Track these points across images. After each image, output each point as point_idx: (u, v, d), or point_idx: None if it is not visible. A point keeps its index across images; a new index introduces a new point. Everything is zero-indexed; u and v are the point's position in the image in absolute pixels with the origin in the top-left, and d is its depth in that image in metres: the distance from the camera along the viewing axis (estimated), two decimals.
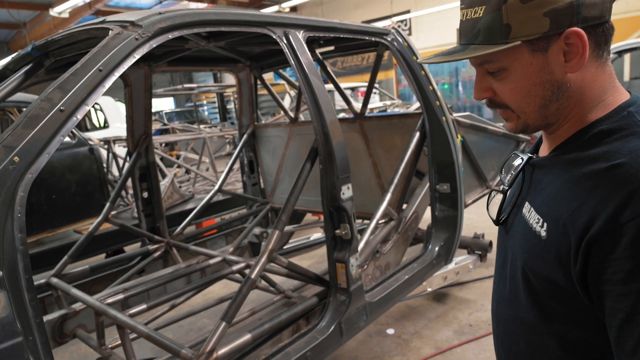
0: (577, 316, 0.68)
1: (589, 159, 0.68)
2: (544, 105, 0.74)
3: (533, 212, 0.74)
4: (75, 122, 1.18)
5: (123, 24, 1.37)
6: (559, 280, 0.68)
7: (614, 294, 0.59)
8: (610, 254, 0.59)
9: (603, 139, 0.68)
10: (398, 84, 14.78)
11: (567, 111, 0.75)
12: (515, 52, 0.71)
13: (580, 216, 0.63)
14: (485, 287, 3.59)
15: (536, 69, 0.71)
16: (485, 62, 0.75)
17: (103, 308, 1.94)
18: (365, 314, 2.07)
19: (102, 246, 3.70)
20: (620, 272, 0.58)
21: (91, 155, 3.93)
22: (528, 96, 0.74)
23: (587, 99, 0.73)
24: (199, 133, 6.41)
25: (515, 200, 0.82)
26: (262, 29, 1.80)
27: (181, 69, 3.10)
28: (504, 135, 3.86)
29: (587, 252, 0.62)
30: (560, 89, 0.72)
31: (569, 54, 0.69)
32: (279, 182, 3.65)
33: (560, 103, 0.73)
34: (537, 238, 0.71)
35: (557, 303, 0.70)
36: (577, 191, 0.66)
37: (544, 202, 0.73)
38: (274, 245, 1.85)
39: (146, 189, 2.99)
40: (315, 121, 1.87)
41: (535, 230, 0.72)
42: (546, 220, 0.70)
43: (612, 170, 0.62)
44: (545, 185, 0.74)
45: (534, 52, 0.71)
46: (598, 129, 0.70)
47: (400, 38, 2.60)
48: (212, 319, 3.47)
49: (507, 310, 0.82)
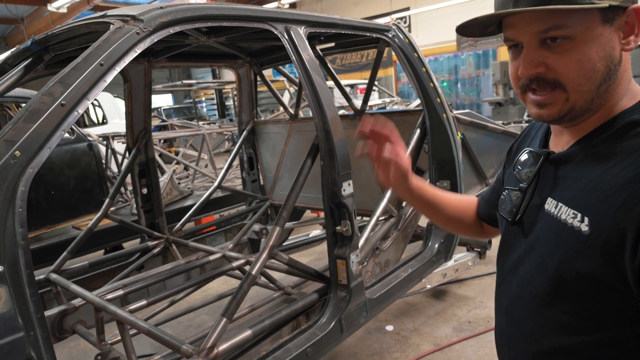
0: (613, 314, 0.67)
1: (627, 150, 0.66)
2: (599, 84, 0.70)
3: (564, 207, 0.71)
4: (76, 116, 1.18)
5: (124, 18, 1.36)
6: (604, 276, 0.65)
7: None
8: None
9: (636, 129, 0.67)
10: (397, 82, 14.78)
11: (607, 96, 0.72)
12: (590, 19, 0.68)
13: (633, 207, 0.61)
14: (484, 285, 3.60)
15: (604, 40, 0.68)
16: (555, 27, 0.68)
17: (103, 304, 1.93)
18: (366, 311, 2.07)
19: (101, 242, 3.70)
20: None
21: (90, 151, 3.92)
22: (592, 71, 0.69)
23: (621, 85, 0.72)
24: (198, 129, 6.40)
25: (530, 198, 0.80)
26: (263, 25, 1.79)
27: (181, 64, 3.09)
28: (503, 133, 3.86)
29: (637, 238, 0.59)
30: (615, 67, 0.70)
31: (626, 31, 0.69)
32: (278, 179, 3.64)
33: (608, 85, 0.71)
34: (576, 233, 0.68)
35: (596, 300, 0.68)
36: (622, 182, 0.63)
37: (578, 196, 0.70)
38: (275, 242, 1.85)
39: (145, 185, 2.98)
40: (317, 117, 1.86)
41: (572, 225, 0.69)
42: (586, 214, 0.67)
43: None
44: (575, 180, 0.72)
45: (605, 23, 0.68)
46: (629, 119, 0.68)
47: (401, 34, 2.59)
48: (211, 315, 3.47)
49: (526, 310, 0.79)
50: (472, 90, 13.35)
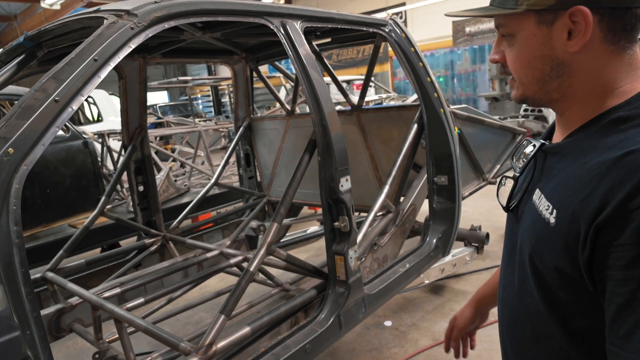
0: (583, 304, 0.68)
1: (603, 146, 0.66)
2: (542, 79, 0.75)
3: (543, 199, 0.73)
4: (70, 113, 1.16)
5: (118, 13, 1.34)
6: (566, 268, 0.67)
7: (615, 279, 0.60)
8: (616, 240, 0.59)
9: (619, 126, 0.67)
10: (393, 77, 14.75)
11: (571, 90, 0.74)
12: (524, 20, 0.73)
13: (590, 203, 0.63)
14: (482, 279, 3.60)
15: (539, 41, 0.72)
16: (500, 25, 0.78)
17: (100, 302, 1.92)
18: (364, 306, 2.07)
19: (97, 240, 3.68)
20: (624, 258, 0.58)
21: (85, 148, 3.89)
22: (527, 67, 0.75)
23: (598, 83, 0.72)
24: (194, 126, 6.37)
25: (526, 187, 0.82)
26: (259, 19, 1.77)
27: (176, 60, 3.06)
28: (500, 128, 3.86)
29: (595, 237, 0.62)
30: (560, 66, 0.72)
31: (574, 32, 0.69)
32: (275, 175, 3.63)
33: (562, 81, 0.73)
34: (545, 225, 0.71)
35: (563, 291, 0.70)
36: (589, 178, 0.65)
37: (555, 189, 0.72)
38: (273, 238, 1.84)
39: (142, 182, 2.96)
40: (314, 113, 1.85)
41: (544, 217, 0.71)
42: (556, 207, 0.69)
43: (626, 158, 0.61)
44: (558, 172, 0.73)
45: (540, 24, 0.72)
46: (615, 115, 0.69)
47: (398, 29, 2.58)
48: (209, 313, 3.47)
49: (514, 297, 0.82)
50: (469, 86, 13.34)
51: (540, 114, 7.54)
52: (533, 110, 7.72)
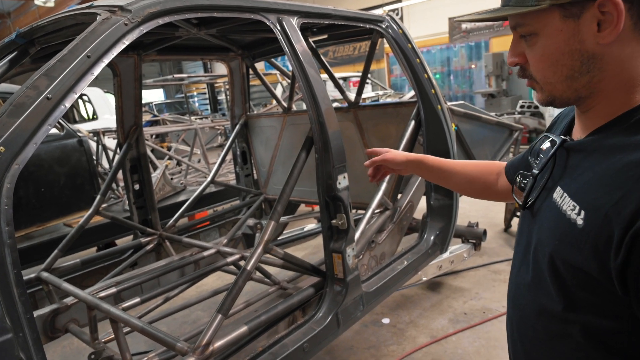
0: (607, 306, 0.66)
1: (635, 144, 0.63)
2: (571, 76, 0.71)
3: (567, 198, 0.70)
4: (63, 110, 1.14)
5: (111, 9, 1.32)
6: (592, 271, 0.65)
7: None
8: None
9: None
10: (390, 74, 14.73)
11: (601, 85, 0.71)
12: (547, 16, 0.70)
13: (626, 206, 0.59)
14: (479, 276, 3.61)
15: (566, 36, 0.69)
16: (518, 25, 0.74)
17: (95, 302, 1.90)
18: (362, 304, 2.06)
19: (93, 239, 3.65)
20: None
21: (80, 147, 3.86)
22: (555, 65, 0.72)
23: (627, 76, 0.69)
24: (190, 124, 6.34)
25: (544, 184, 0.79)
26: (255, 15, 1.75)
27: (171, 58, 3.03)
28: (497, 124, 3.85)
29: (632, 244, 0.58)
30: (590, 60, 0.69)
31: (603, 23, 0.66)
32: (272, 173, 3.61)
33: (592, 76, 0.70)
34: (571, 226, 0.67)
35: (585, 292, 0.68)
36: (621, 179, 0.62)
37: (581, 189, 0.68)
38: (270, 236, 1.82)
39: (137, 181, 2.94)
40: (311, 110, 1.83)
41: (569, 217, 0.68)
42: (584, 207, 0.66)
43: None
44: (583, 171, 0.70)
45: (566, 18, 0.68)
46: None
47: (395, 25, 2.56)
48: (206, 312, 3.45)
49: (527, 296, 0.80)
50: (465, 82, 13.34)
51: (536, 110, 7.54)
52: (529, 106, 7.73)
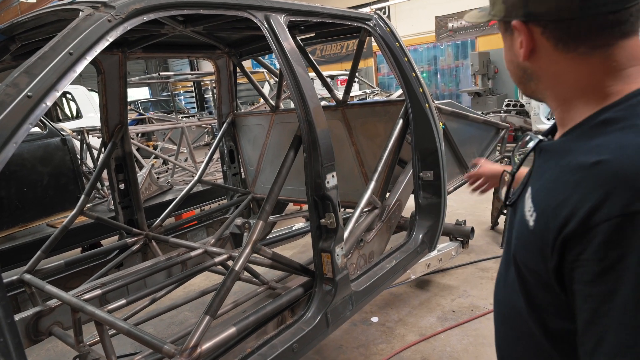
0: (560, 306, 0.68)
1: (583, 150, 0.65)
2: (520, 82, 0.80)
3: (529, 200, 0.72)
4: (44, 109, 1.11)
5: (94, 5, 1.28)
6: (540, 271, 0.67)
7: (581, 294, 0.60)
8: (582, 254, 0.59)
9: (603, 129, 0.66)
10: (377, 73, 14.76)
11: (549, 93, 0.76)
12: (500, 26, 0.79)
13: (562, 211, 0.62)
14: (467, 274, 3.63)
15: (507, 47, 0.78)
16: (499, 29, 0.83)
17: (80, 304, 1.86)
18: (351, 304, 2.06)
19: (77, 240, 3.59)
20: (588, 274, 0.58)
21: (64, 146, 3.79)
22: (509, 70, 0.81)
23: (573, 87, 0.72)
24: (177, 123, 6.27)
25: (524, 184, 0.81)
26: (242, 13, 1.73)
27: (157, 55, 2.99)
28: (484, 123, 3.88)
29: (563, 248, 0.61)
30: (525, 72, 0.77)
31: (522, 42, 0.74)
32: (260, 172, 3.59)
33: (535, 84, 0.77)
34: (526, 227, 0.70)
35: (543, 291, 0.69)
36: (564, 184, 0.64)
37: (538, 190, 0.71)
38: (258, 236, 1.81)
39: (123, 180, 2.89)
40: (299, 109, 1.82)
41: (526, 218, 0.71)
42: (536, 210, 0.69)
43: (596, 167, 0.60)
44: (544, 172, 0.72)
45: (505, 32, 0.77)
46: (602, 117, 0.67)
47: (383, 24, 2.56)
48: (193, 312, 3.42)
49: (503, 293, 0.83)
50: (451, 81, 13.43)
51: (522, 109, 7.63)
52: (515, 105, 7.81)
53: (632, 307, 0.54)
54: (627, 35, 0.67)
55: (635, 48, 0.69)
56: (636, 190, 0.55)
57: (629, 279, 0.54)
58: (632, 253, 0.54)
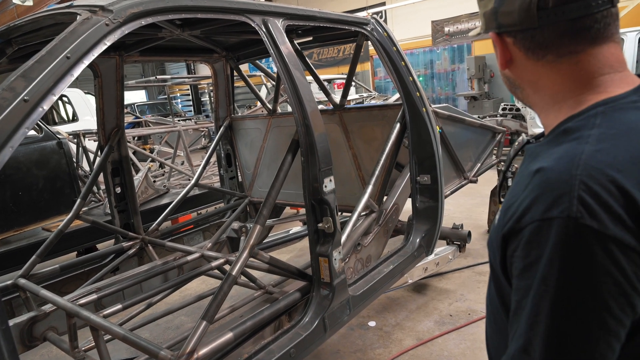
0: None
1: (541, 156, 0.70)
2: (510, 89, 0.83)
3: None
4: (41, 113, 1.10)
5: (92, 9, 1.28)
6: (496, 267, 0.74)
7: (513, 287, 0.66)
8: (515, 251, 0.65)
9: (563, 138, 0.69)
10: (374, 76, 14.80)
11: (531, 100, 0.80)
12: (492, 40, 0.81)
13: (509, 211, 0.68)
14: (464, 277, 3.63)
15: (497, 55, 0.81)
16: None
17: (75, 309, 1.85)
18: (349, 308, 2.05)
19: (73, 244, 3.57)
20: (517, 269, 0.65)
21: (60, 149, 3.77)
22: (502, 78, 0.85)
23: (544, 95, 0.76)
24: (174, 126, 6.25)
25: None
26: (240, 17, 1.73)
27: (154, 59, 2.98)
28: (480, 127, 3.90)
29: (505, 244, 0.68)
30: (509, 80, 0.81)
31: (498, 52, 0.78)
32: (257, 176, 3.58)
33: (522, 91, 0.80)
34: (494, 228, 0.76)
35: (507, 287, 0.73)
36: (519, 187, 0.69)
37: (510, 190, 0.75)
38: (256, 240, 1.80)
39: (119, 184, 2.88)
40: (296, 112, 1.82)
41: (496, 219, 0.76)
42: (501, 210, 0.74)
43: (537, 173, 0.65)
44: (517, 174, 0.77)
45: (493, 44, 0.80)
46: (564, 126, 0.71)
47: (380, 28, 2.57)
48: (189, 317, 3.40)
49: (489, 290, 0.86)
50: (448, 85, 13.48)
51: (518, 113, 7.66)
52: (511, 109, 7.85)
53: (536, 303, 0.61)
54: (596, 42, 0.68)
55: (608, 56, 0.69)
56: (555, 197, 0.60)
57: (539, 276, 0.61)
58: (544, 253, 0.60)
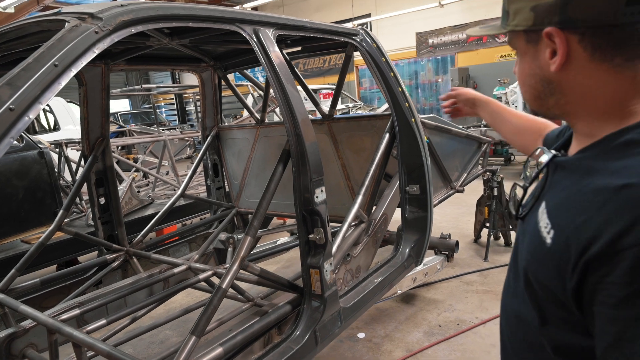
0: (574, 322, 0.67)
1: (607, 171, 0.64)
2: (538, 96, 0.75)
3: (544, 215, 0.71)
4: (27, 122, 1.06)
5: (81, 16, 1.25)
6: (556, 289, 0.66)
7: (605, 317, 0.59)
8: (607, 277, 0.58)
9: (628, 150, 0.64)
10: (359, 87, 14.92)
11: (570, 108, 0.73)
12: (518, 38, 0.75)
13: (584, 232, 0.61)
14: (452, 287, 3.64)
15: (529, 59, 0.74)
16: (510, 42, 0.79)
17: (57, 325, 1.78)
18: (340, 320, 2.02)
19: (53, 257, 3.46)
20: (614, 297, 0.57)
21: (41, 159, 3.68)
22: (525, 84, 0.77)
23: (599, 102, 0.69)
24: (159, 135, 6.17)
25: (537, 196, 0.80)
26: (231, 26, 1.72)
27: (140, 67, 2.94)
28: (466, 137, 3.94)
29: (585, 270, 0.60)
30: (550, 85, 0.72)
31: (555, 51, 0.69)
32: (245, 186, 3.54)
33: (558, 99, 0.73)
34: (542, 243, 0.69)
35: (555, 307, 0.69)
36: (586, 204, 0.63)
37: (556, 207, 0.70)
38: (246, 252, 1.77)
39: (103, 194, 2.81)
40: (288, 122, 1.80)
41: (542, 234, 0.70)
42: (554, 227, 0.67)
43: (623, 190, 0.59)
44: (562, 189, 0.71)
45: (528, 43, 0.73)
46: (625, 137, 0.65)
47: (369, 39, 2.58)
48: (174, 330, 3.32)
49: (511, 303, 0.83)
50: (432, 95, 13.67)
51: None
52: None
53: None
54: None
55: None
56: None
57: None
58: None
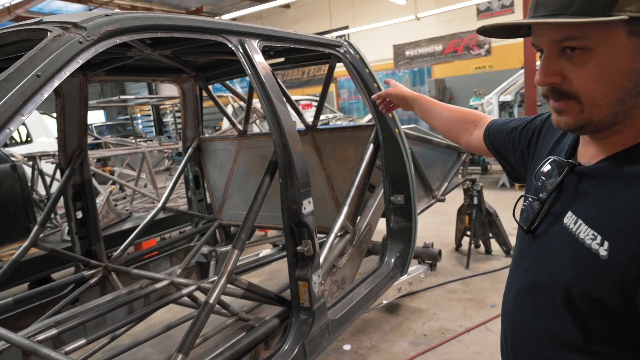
0: (627, 338, 0.64)
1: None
2: (622, 99, 0.66)
3: (584, 226, 0.67)
4: (7, 135, 1.01)
5: (64, 26, 1.21)
6: (615, 304, 0.62)
7: None
8: None
9: None
10: (338, 98, 15.03)
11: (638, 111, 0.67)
12: (611, 30, 0.63)
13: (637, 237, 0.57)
14: (436, 296, 3.66)
15: (628, 54, 0.63)
16: (570, 38, 0.66)
17: (32, 346, 1.69)
18: (329, 333, 2.00)
19: (24, 275, 3.31)
20: None
21: (13, 172, 3.54)
22: (610, 86, 0.65)
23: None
24: (137, 147, 6.05)
25: (549, 208, 0.77)
26: (216, 37, 1.70)
27: (120, 78, 2.89)
28: (447, 147, 4.00)
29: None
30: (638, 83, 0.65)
31: None
32: (227, 198, 3.49)
33: (637, 100, 0.66)
34: (592, 256, 0.64)
35: (604, 323, 0.65)
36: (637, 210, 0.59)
37: (600, 217, 0.66)
38: (233, 266, 1.73)
39: (81, 208, 2.72)
40: (274, 133, 1.79)
41: (590, 246, 0.65)
42: (607, 238, 0.63)
43: None
44: (599, 198, 0.67)
45: (631, 35, 0.62)
46: None
47: (352, 50, 2.60)
48: (155, 348, 3.22)
49: (532, 322, 0.77)
50: None
51: None
52: None
53: None
54: None
55: None
56: None
57: None
58: None
